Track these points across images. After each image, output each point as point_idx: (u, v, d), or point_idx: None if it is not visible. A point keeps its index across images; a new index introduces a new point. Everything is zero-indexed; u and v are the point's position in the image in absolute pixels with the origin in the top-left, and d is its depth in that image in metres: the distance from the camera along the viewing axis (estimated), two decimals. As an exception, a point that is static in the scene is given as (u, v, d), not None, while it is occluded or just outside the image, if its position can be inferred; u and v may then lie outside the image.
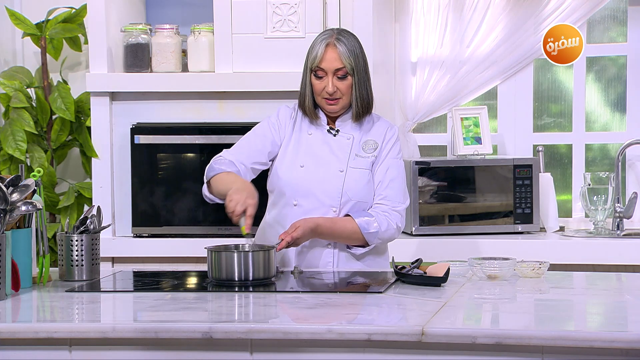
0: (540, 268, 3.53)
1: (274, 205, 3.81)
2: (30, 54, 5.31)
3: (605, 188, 4.90)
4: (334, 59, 3.67)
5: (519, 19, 5.08)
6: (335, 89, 3.68)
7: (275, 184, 3.79)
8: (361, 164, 3.76)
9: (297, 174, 3.75)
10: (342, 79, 3.69)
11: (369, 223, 3.70)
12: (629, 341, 2.70)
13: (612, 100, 5.23)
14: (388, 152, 3.79)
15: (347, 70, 3.68)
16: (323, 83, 3.70)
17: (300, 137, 3.79)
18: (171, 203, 4.89)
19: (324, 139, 3.79)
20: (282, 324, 2.91)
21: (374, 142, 3.79)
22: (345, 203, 3.73)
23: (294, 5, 4.81)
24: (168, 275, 3.70)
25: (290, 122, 3.81)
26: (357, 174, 3.75)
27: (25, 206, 3.27)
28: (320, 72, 3.69)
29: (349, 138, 3.79)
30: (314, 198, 3.73)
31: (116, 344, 2.87)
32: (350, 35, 3.74)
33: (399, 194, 3.77)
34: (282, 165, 3.77)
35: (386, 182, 3.76)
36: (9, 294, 3.24)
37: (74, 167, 5.31)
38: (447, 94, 5.13)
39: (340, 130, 3.80)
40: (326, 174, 3.75)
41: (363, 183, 3.75)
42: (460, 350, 2.77)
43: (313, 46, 3.72)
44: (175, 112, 4.94)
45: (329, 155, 3.77)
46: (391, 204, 3.75)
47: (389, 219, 3.72)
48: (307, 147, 3.78)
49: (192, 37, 4.92)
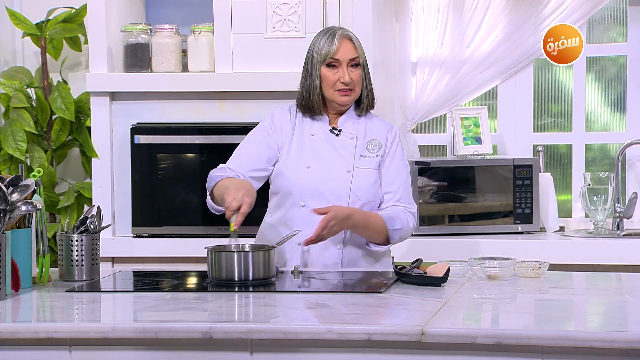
0: (540, 268, 3.53)
1: (278, 207, 3.80)
2: (30, 54, 5.31)
3: (605, 188, 4.90)
4: (349, 49, 3.73)
5: (519, 19, 5.08)
6: (350, 78, 3.72)
7: (281, 185, 3.78)
8: (367, 164, 3.78)
9: (304, 175, 3.74)
10: (355, 67, 3.74)
11: (393, 219, 3.73)
12: (629, 341, 2.70)
13: (612, 100, 5.23)
14: (394, 153, 3.82)
15: (359, 61, 3.74)
16: (338, 74, 3.73)
17: (302, 138, 3.79)
18: (171, 203, 4.89)
19: (327, 139, 3.79)
20: (282, 324, 2.91)
21: (378, 141, 3.81)
22: (353, 203, 3.73)
23: (294, 5, 4.81)
24: (168, 275, 3.69)
25: (289, 125, 3.80)
26: (364, 174, 3.76)
27: (25, 206, 3.27)
28: (334, 62, 3.72)
29: (352, 137, 3.79)
30: (321, 198, 3.72)
31: (116, 344, 2.87)
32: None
33: (409, 197, 3.84)
34: (287, 166, 3.77)
35: (398, 184, 3.80)
36: (9, 294, 3.24)
37: (74, 167, 5.31)
38: (447, 94, 5.13)
39: (343, 130, 3.80)
40: (333, 174, 3.75)
41: (370, 183, 3.77)
42: (460, 350, 2.77)
43: (320, 41, 3.75)
44: (175, 112, 4.94)
45: (334, 155, 3.77)
46: (406, 206, 3.80)
47: (408, 218, 3.78)
48: (311, 147, 3.78)
49: (192, 37, 4.92)
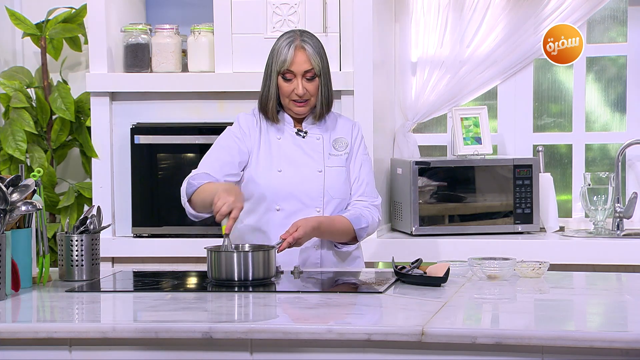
0: (540, 268, 3.53)
1: (251, 212, 3.77)
2: (30, 54, 5.31)
3: (605, 188, 4.90)
4: (303, 61, 3.69)
5: (519, 19, 5.08)
6: (304, 90, 3.70)
7: (253, 191, 3.76)
8: (337, 162, 3.80)
9: (276, 179, 3.74)
10: (311, 80, 3.71)
11: (359, 219, 3.76)
12: (629, 341, 2.70)
13: (612, 100, 5.23)
14: (358, 149, 3.85)
15: (315, 72, 3.70)
16: (292, 85, 3.70)
17: (269, 142, 3.79)
18: (171, 203, 4.88)
19: (294, 141, 3.80)
20: (282, 324, 2.91)
21: (344, 139, 3.84)
22: (328, 202, 3.76)
23: (294, 5, 4.81)
24: (168, 275, 3.69)
25: (255, 129, 3.79)
26: (335, 172, 3.79)
27: (25, 206, 3.27)
28: (289, 74, 3.69)
29: (319, 138, 3.81)
30: (296, 201, 3.74)
31: (116, 344, 2.87)
32: (312, 36, 3.76)
33: (373, 189, 3.87)
34: (258, 171, 3.76)
35: (362, 178, 3.83)
36: (9, 294, 3.23)
37: (74, 167, 5.31)
38: (447, 94, 5.13)
39: (309, 131, 3.82)
40: (305, 176, 3.76)
41: (342, 181, 3.80)
42: (460, 350, 2.77)
43: (279, 49, 3.71)
44: (175, 112, 4.93)
45: (303, 157, 3.78)
46: (369, 200, 3.84)
47: (372, 213, 3.81)
48: (280, 151, 3.78)
49: (192, 37, 4.92)
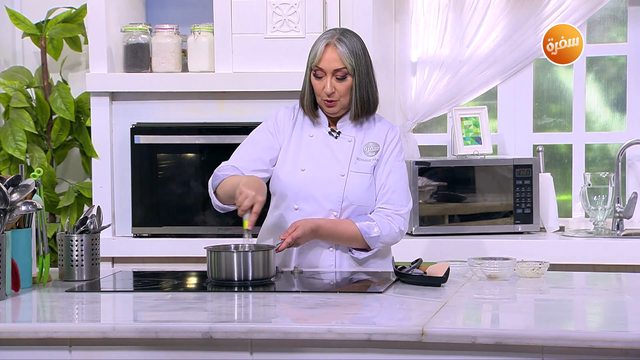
0: (540, 268, 3.53)
1: (276, 207, 3.78)
2: (30, 54, 5.31)
3: (605, 188, 4.90)
4: (334, 59, 3.62)
5: (519, 19, 5.08)
6: (333, 89, 3.63)
7: (277, 187, 3.75)
8: (362, 168, 3.71)
9: (298, 178, 3.70)
10: (342, 80, 3.63)
11: (370, 227, 3.67)
12: (629, 341, 2.70)
13: (612, 100, 5.23)
14: (390, 154, 3.74)
15: (347, 71, 3.62)
16: (322, 83, 3.64)
17: (301, 138, 3.75)
18: (171, 203, 4.89)
19: (325, 141, 3.75)
20: (282, 324, 2.91)
21: (375, 144, 3.73)
22: (346, 207, 3.70)
23: (294, 5, 4.81)
24: (168, 275, 3.69)
25: (289, 123, 3.76)
26: (358, 178, 3.71)
27: (25, 206, 3.27)
28: (319, 72, 3.64)
29: (350, 140, 3.74)
30: (314, 202, 3.69)
31: (116, 344, 2.87)
32: (353, 35, 3.67)
33: (401, 197, 3.73)
34: (283, 168, 3.73)
35: (388, 185, 3.72)
36: (9, 294, 3.23)
37: (74, 167, 5.31)
38: (447, 94, 5.13)
39: (342, 132, 3.75)
40: (327, 178, 3.70)
41: (364, 187, 3.71)
42: (460, 350, 2.77)
43: (314, 45, 3.67)
44: (175, 112, 4.93)
45: (330, 159, 3.73)
46: (394, 208, 3.71)
47: (392, 222, 3.69)
48: (308, 149, 3.74)
49: (192, 37, 4.92)
